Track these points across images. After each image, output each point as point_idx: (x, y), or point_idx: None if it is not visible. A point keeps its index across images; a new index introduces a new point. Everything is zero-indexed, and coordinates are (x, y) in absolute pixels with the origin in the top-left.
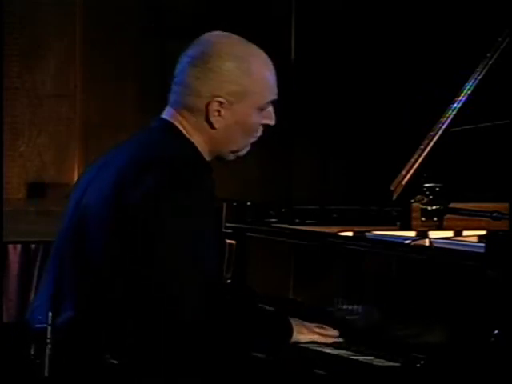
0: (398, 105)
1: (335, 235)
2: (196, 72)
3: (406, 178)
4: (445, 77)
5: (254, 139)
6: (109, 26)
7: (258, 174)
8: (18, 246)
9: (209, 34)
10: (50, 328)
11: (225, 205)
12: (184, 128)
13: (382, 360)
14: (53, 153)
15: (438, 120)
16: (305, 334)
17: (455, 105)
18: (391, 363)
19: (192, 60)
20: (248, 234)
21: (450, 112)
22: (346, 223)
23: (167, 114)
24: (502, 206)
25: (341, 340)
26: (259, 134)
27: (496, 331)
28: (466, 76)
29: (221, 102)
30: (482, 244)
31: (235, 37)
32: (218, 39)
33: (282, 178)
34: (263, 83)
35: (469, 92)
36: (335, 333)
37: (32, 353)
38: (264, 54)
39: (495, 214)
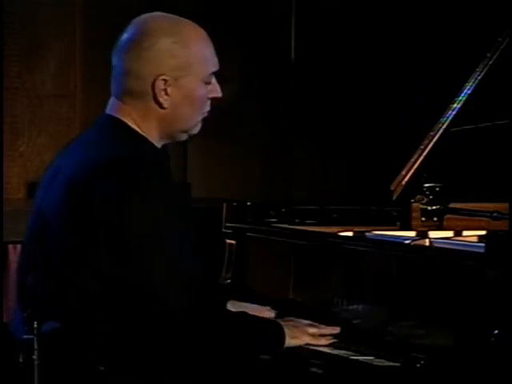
0: (398, 105)
1: (335, 235)
2: (133, 55)
3: (406, 178)
4: (445, 77)
5: (203, 115)
6: (109, 26)
7: (258, 174)
8: (18, 246)
9: (137, 18)
10: (36, 338)
11: (225, 205)
12: (131, 119)
13: (381, 360)
14: (53, 153)
15: (437, 120)
16: (298, 337)
17: (455, 105)
18: (391, 363)
19: (126, 44)
20: (248, 233)
21: (450, 112)
22: (346, 223)
23: (112, 107)
24: (502, 206)
25: (335, 340)
26: (207, 109)
27: (496, 331)
28: (466, 76)
29: (165, 80)
30: (482, 244)
31: (165, 14)
32: (148, 19)
33: (282, 178)
34: (202, 54)
35: (469, 92)
36: (330, 331)
37: (20, 361)
38: (197, 26)
39: (495, 214)
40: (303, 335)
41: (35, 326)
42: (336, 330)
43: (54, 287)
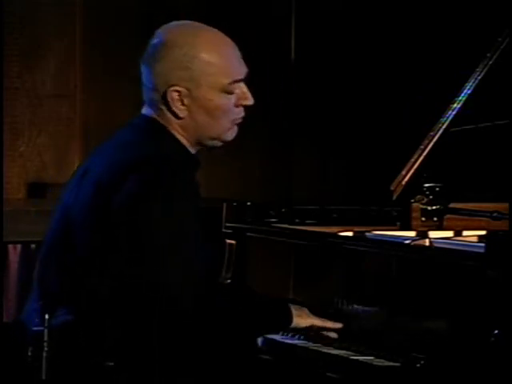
0: (398, 105)
1: (335, 235)
2: (148, 67)
3: (406, 178)
4: (445, 77)
5: (236, 121)
6: (109, 26)
7: (258, 174)
8: (18, 246)
9: (162, 26)
10: (46, 331)
11: (225, 205)
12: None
13: (381, 360)
14: (53, 153)
15: (437, 120)
16: (304, 318)
17: (455, 105)
18: (391, 363)
19: (145, 58)
20: (248, 233)
21: (450, 112)
22: (346, 223)
23: (147, 110)
24: (502, 206)
25: (339, 326)
26: (240, 115)
27: (496, 331)
28: (466, 76)
29: (178, 91)
30: (482, 244)
31: (187, 23)
32: (168, 30)
33: (282, 178)
34: (218, 64)
35: (469, 92)
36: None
37: (29, 354)
38: (218, 34)
39: (495, 214)
40: (309, 316)
41: (46, 318)
42: (339, 325)
43: (74, 285)
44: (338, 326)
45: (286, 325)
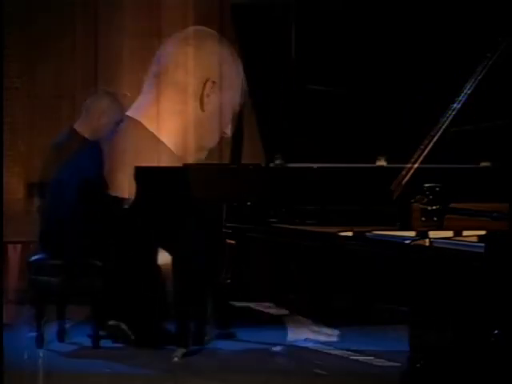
0: (398, 105)
1: (335, 235)
2: (187, 51)
3: (406, 178)
4: (445, 77)
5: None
6: (109, 25)
7: (257, 174)
8: (18, 246)
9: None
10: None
11: (225, 205)
12: (154, 122)
13: (381, 360)
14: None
15: (437, 120)
16: (299, 333)
17: (455, 105)
18: (391, 363)
19: (179, 42)
20: (248, 234)
21: (450, 112)
22: (346, 223)
23: (138, 107)
24: (502, 206)
25: (334, 339)
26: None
27: (496, 331)
28: (466, 76)
29: (214, 82)
30: (482, 244)
31: None
32: (199, 27)
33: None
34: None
35: (469, 92)
36: (330, 332)
37: (25, 357)
38: None
39: (495, 214)
40: (304, 331)
41: (43, 322)
42: (335, 332)
43: (72, 285)
44: (331, 335)
45: (282, 340)
